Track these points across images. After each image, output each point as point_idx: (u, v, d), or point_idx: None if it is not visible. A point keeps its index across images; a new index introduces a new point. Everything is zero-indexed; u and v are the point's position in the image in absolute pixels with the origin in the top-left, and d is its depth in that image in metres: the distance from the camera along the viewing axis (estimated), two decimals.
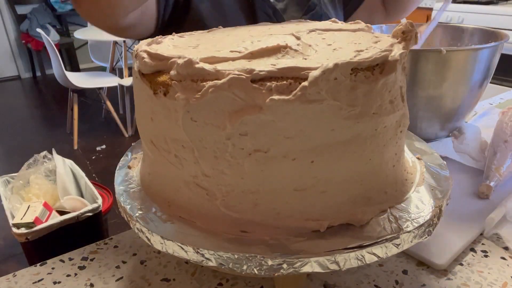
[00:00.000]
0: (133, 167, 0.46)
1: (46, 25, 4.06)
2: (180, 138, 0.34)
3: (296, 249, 0.32)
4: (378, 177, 0.36)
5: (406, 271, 0.46)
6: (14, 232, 1.03)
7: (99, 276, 0.47)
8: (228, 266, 0.32)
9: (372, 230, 0.33)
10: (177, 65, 0.32)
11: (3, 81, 4.35)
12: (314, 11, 0.74)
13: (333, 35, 0.39)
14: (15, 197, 1.15)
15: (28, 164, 1.23)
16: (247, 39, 0.37)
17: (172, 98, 0.32)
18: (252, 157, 0.32)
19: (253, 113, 0.30)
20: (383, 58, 0.32)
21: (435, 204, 0.36)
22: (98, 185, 1.44)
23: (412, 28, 0.35)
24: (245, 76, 0.30)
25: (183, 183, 0.36)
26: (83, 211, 1.08)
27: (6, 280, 0.47)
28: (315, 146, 0.32)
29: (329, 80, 0.30)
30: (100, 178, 2.47)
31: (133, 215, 0.37)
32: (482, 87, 0.65)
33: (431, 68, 0.60)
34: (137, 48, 0.38)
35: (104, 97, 3.00)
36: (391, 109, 0.34)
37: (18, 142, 3.02)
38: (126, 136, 3.03)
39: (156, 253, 0.50)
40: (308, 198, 0.34)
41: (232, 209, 0.34)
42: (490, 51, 0.61)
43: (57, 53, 2.69)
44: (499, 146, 0.61)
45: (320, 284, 0.45)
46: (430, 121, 0.66)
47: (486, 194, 0.57)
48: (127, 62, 3.07)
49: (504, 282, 0.44)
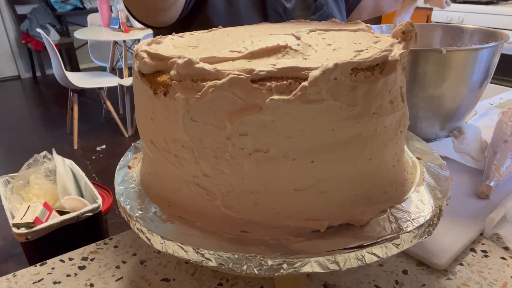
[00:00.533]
0: (133, 167, 0.46)
1: (46, 25, 4.05)
2: (180, 138, 0.34)
3: (296, 249, 0.32)
4: (378, 177, 0.36)
5: (406, 271, 0.46)
6: (14, 232, 1.03)
7: (99, 276, 0.47)
8: (228, 266, 0.32)
9: (372, 230, 0.33)
10: (177, 65, 0.32)
11: (3, 81, 4.35)
12: (322, 11, 0.74)
13: (333, 35, 0.39)
14: (15, 197, 1.15)
15: (28, 164, 1.23)
16: (247, 39, 0.37)
17: (172, 98, 0.32)
18: (252, 157, 0.32)
19: (253, 113, 0.30)
20: (383, 58, 0.32)
21: (435, 204, 0.36)
22: (98, 185, 1.44)
23: (412, 28, 0.35)
24: (245, 76, 0.30)
25: (183, 183, 0.36)
26: (83, 211, 1.08)
27: (6, 280, 0.47)
28: (315, 146, 0.32)
29: (329, 80, 0.30)
30: (100, 178, 2.47)
31: (133, 215, 0.37)
32: (482, 87, 0.65)
33: (431, 68, 0.60)
34: (137, 48, 0.38)
35: (104, 97, 3.00)
36: (391, 109, 0.34)
37: (18, 142, 3.02)
38: (126, 136, 3.03)
39: (156, 253, 0.50)
40: (308, 198, 0.34)
41: (232, 209, 0.34)
42: (490, 51, 0.61)
43: (57, 53, 2.69)
44: (499, 146, 0.61)
45: (320, 284, 0.45)
46: (430, 121, 0.66)
47: (486, 194, 0.57)
48: (127, 62, 3.07)
49: (504, 282, 0.44)
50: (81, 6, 4.50)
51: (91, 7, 4.50)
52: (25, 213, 1.06)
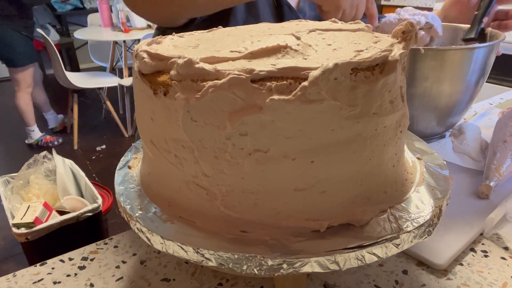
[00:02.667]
0: (133, 167, 0.46)
1: (46, 25, 4.06)
2: (180, 138, 0.34)
3: (296, 249, 0.32)
4: (378, 177, 0.36)
5: (406, 271, 0.46)
6: (14, 232, 1.03)
7: (99, 276, 0.47)
8: (228, 266, 0.32)
9: (372, 230, 0.33)
10: (177, 65, 0.32)
11: (3, 81, 4.35)
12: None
13: (333, 35, 0.39)
14: (15, 197, 1.15)
15: (28, 164, 1.23)
16: (247, 39, 0.37)
17: (172, 98, 0.32)
18: (252, 157, 0.32)
19: (253, 113, 0.30)
20: (383, 58, 0.32)
21: (435, 204, 0.36)
22: (98, 185, 1.44)
23: (412, 28, 0.35)
24: (245, 76, 0.30)
25: (183, 183, 0.36)
26: (83, 211, 1.08)
27: (6, 280, 0.47)
28: (315, 146, 0.32)
29: (329, 80, 0.30)
30: (100, 178, 2.47)
31: (133, 215, 0.37)
32: (479, 86, 0.66)
33: (427, 66, 0.61)
34: (137, 48, 0.38)
35: (104, 97, 3.00)
36: (391, 109, 0.34)
37: (18, 142, 3.02)
38: (126, 136, 3.03)
39: (156, 253, 0.50)
40: (308, 198, 0.34)
41: (232, 209, 0.34)
42: (486, 51, 0.61)
43: (57, 53, 2.69)
44: (499, 146, 0.61)
45: (320, 284, 0.45)
46: (426, 118, 0.67)
47: (486, 194, 0.57)
48: (127, 62, 3.08)
49: (504, 282, 0.44)
50: (81, 6, 4.50)
51: (91, 7, 4.50)
52: (25, 213, 1.06)
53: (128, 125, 3.08)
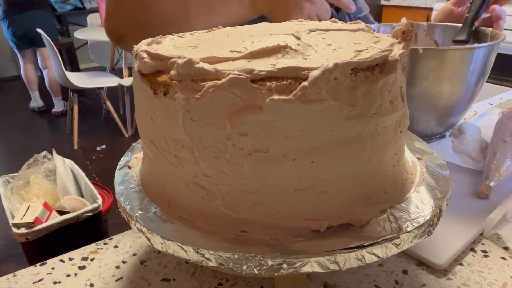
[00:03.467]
0: (133, 167, 0.46)
1: None
2: (180, 138, 0.34)
3: (296, 249, 0.32)
4: (378, 177, 0.36)
5: (406, 271, 0.46)
6: (14, 232, 1.03)
7: (99, 276, 0.47)
8: (228, 266, 0.32)
9: (372, 230, 0.33)
10: (177, 65, 0.32)
11: (4, 81, 4.35)
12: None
13: (333, 35, 0.39)
14: (15, 197, 1.16)
15: (28, 164, 1.23)
16: (247, 39, 0.37)
17: (172, 98, 0.32)
18: (252, 157, 0.32)
19: (253, 113, 0.30)
20: (383, 58, 0.32)
21: (435, 204, 0.36)
22: (98, 185, 1.44)
23: (412, 28, 0.35)
24: (245, 76, 0.30)
25: (183, 183, 0.36)
26: (83, 211, 1.08)
27: (6, 280, 0.47)
28: (315, 146, 0.32)
29: (329, 80, 0.30)
30: (100, 178, 2.47)
31: (133, 215, 0.37)
32: (479, 86, 0.66)
33: (427, 66, 0.61)
34: (137, 48, 0.38)
35: (104, 97, 3.00)
36: (391, 109, 0.34)
37: (18, 142, 3.02)
38: (126, 136, 3.03)
39: (156, 253, 0.50)
40: (308, 198, 0.34)
41: (232, 209, 0.34)
42: (486, 51, 0.61)
43: (57, 53, 2.69)
44: (499, 146, 0.61)
45: (320, 284, 0.45)
46: (425, 118, 0.67)
47: (486, 194, 0.57)
48: (127, 62, 3.08)
49: (504, 282, 0.44)
50: (81, 6, 4.50)
51: (91, 7, 4.50)
52: (25, 213, 1.06)
53: (128, 125, 3.08)
